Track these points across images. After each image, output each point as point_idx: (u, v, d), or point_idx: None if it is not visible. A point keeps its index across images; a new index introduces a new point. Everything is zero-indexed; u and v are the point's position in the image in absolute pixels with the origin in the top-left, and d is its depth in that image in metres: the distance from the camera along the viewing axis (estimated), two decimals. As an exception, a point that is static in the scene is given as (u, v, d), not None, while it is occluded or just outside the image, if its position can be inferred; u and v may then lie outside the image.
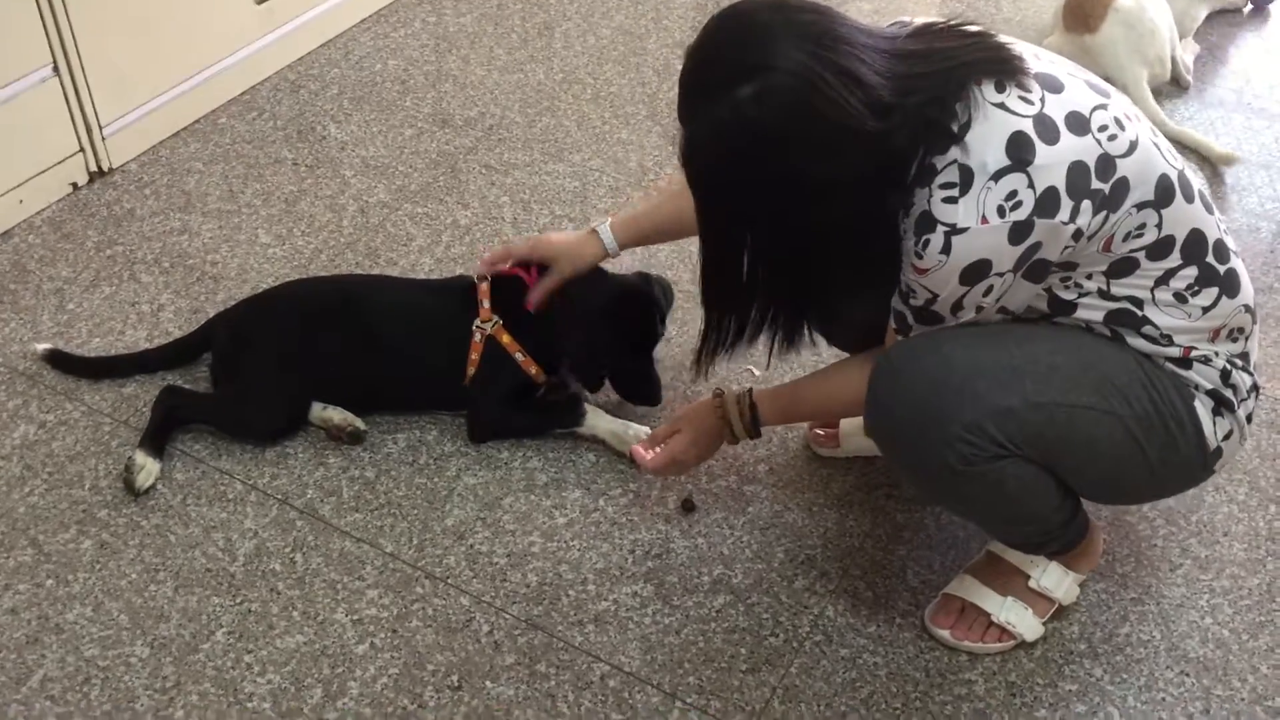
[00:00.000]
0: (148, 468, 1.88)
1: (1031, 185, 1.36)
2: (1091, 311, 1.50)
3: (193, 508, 1.87)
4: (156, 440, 1.93)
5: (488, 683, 1.64)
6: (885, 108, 1.34)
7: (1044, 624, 1.69)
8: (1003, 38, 1.46)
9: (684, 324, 2.18)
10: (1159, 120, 2.71)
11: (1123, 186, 1.41)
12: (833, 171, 1.37)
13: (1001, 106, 1.38)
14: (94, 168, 2.55)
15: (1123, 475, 1.56)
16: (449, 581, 1.77)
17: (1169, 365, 1.51)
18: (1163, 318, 1.49)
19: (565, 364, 1.99)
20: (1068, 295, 1.50)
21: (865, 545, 1.83)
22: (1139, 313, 1.49)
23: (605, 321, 1.94)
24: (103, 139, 2.54)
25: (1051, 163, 1.37)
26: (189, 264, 2.35)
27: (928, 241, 1.39)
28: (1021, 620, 1.68)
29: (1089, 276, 1.47)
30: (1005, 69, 1.41)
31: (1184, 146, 2.66)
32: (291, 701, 1.61)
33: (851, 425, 1.94)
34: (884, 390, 1.50)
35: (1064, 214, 1.38)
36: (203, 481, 1.91)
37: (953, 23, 1.47)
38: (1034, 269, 1.43)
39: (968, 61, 1.41)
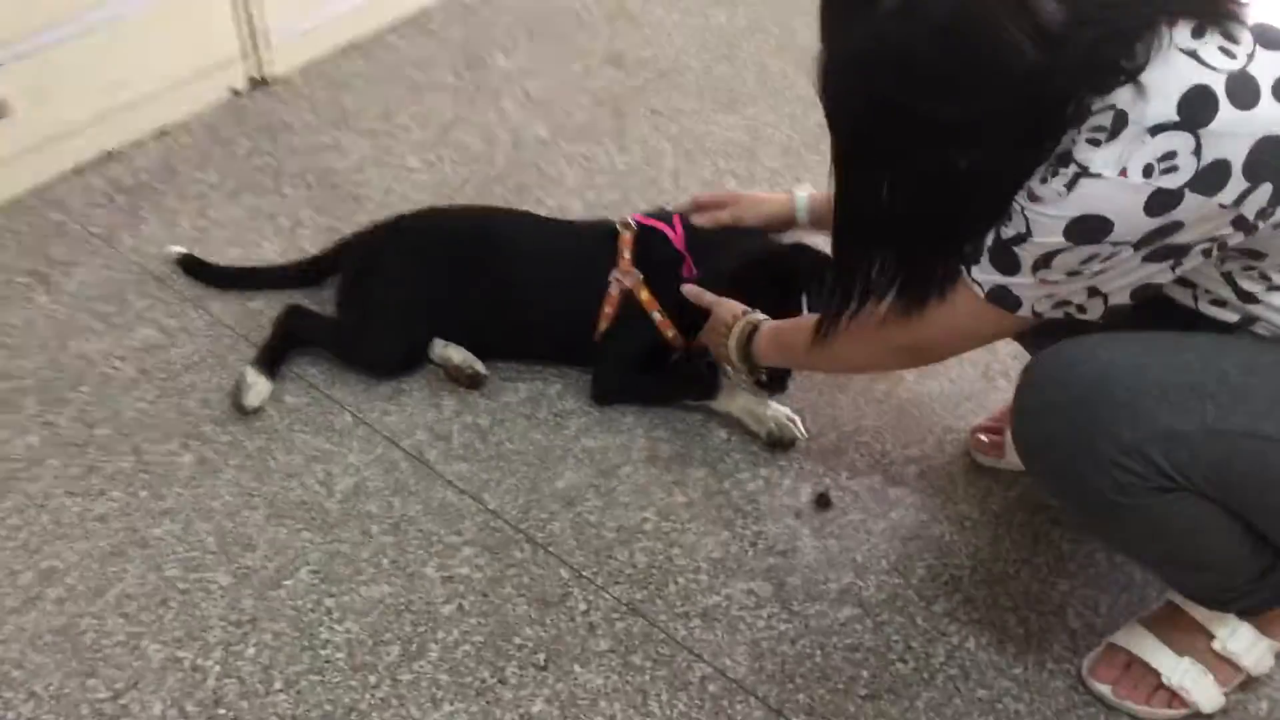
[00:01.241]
0: (258, 387, 1.80)
1: (1198, 151, 1.10)
2: None
3: (298, 435, 1.77)
4: (272, 359, 1.84)
5: (576, 666, 1.49)
6: (1055, 39, 1.10)
7: (1225, 694, 1.44)
8: None
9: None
10: None
11: None
12: (979, 112, 1.14)
13: (1192, 54, 1.12)
14: (256, 75, 2.49)
15: None
16: (550, 549, 1.62)
17: None
18: None
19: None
20: (1253, 286, 1.23)
21: (1021, 573, 1.60)
22: None
23: (734, 285, 1.75)
24: (269, 45, 2.47)
25: (1234, 131, 1.10)
26: (333, 181, 2.26)
27: (1055, 173, 1.16)
28: (1198, 686, 1.43)
29: None
30: (1212, 11, 1.14)
31: None
32: (367, 655, 1.49)
33: (1022, 435, 1.70)
34: (1031, 399, 1.27)
35: (1228, 194, 1.11)
36: (312, 408, 1.81)
37: None
38: (1161, 252, 1.17)
39: None
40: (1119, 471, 1.21)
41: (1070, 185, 1.14)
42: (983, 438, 1.75)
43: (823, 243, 1.75)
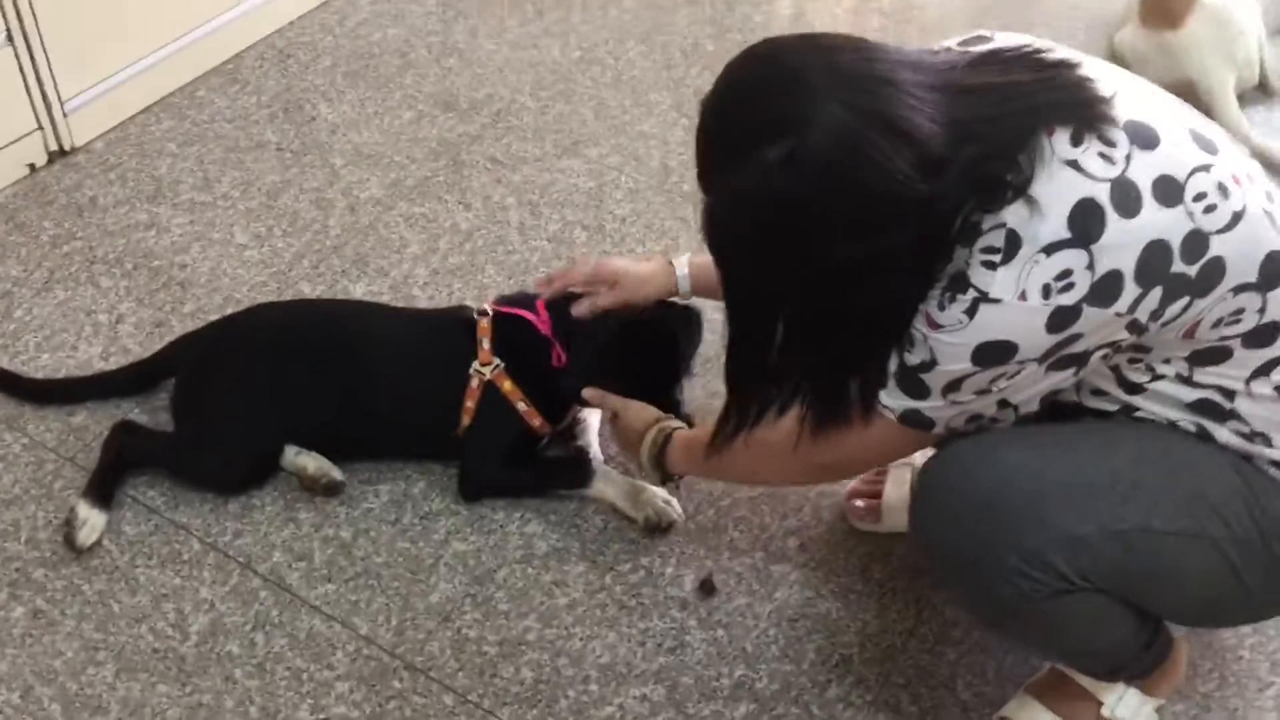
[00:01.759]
0: (91, 521, 1.65)
1: (1091, 266, 1.11)
2: (1167, 399, 1.25)
3: (142, 570, 1.64)
4: (104, 488, 1.69)
5: (471, 807, 1.42)
6: (937, 162, 1.09)
7: (1114, 758, 1.47)
8: (1089, 68, 1.19)
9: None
10: (1242, 132, 2.43)
11: (1216, 269, 1.16)
12: (875, 246, 1.12)
13: (1074, 165, 1.12)
14: (54, 147, 2.28)
15: (1213, 603, 1.33)
16: (430, 674, 1.54)
17: (1272, 470, 1.27)
18: (1258, 412, 1.24)
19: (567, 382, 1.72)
20: (1138, 378, 1.25)
21: (909, 646, 1.60)
22: (1228, 405, 1.24)
23: (610, 366, 1.68)
24: (64, 115, 2.26)
25: (1123, 241, 1.12)
26: (154, 265, 2.09)
27: (953, 298, 1.15)
28: (1090, 756, 1.45)
29: (1166, 361, 1.23)
30: (1086, 115, 1.14)
31: (1269, 162, 2.38)
32: (243, 824, 1.39)
33: (896, 498, 1.70)
34: (930, 507, 1.27)
35: (1123, 303, 1.13)
36: (155, 537, 1.68)
37: (1028, 49, 1.20)
38: (1064, 361, 1.18)
39: (1040, 104, 1.15)
40: (1021, 579, 1.21)
41: (971, 312, 1.13)
42: (858, 504, 1.73)
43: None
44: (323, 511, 1.72)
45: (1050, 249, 1.11)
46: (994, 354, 1.16)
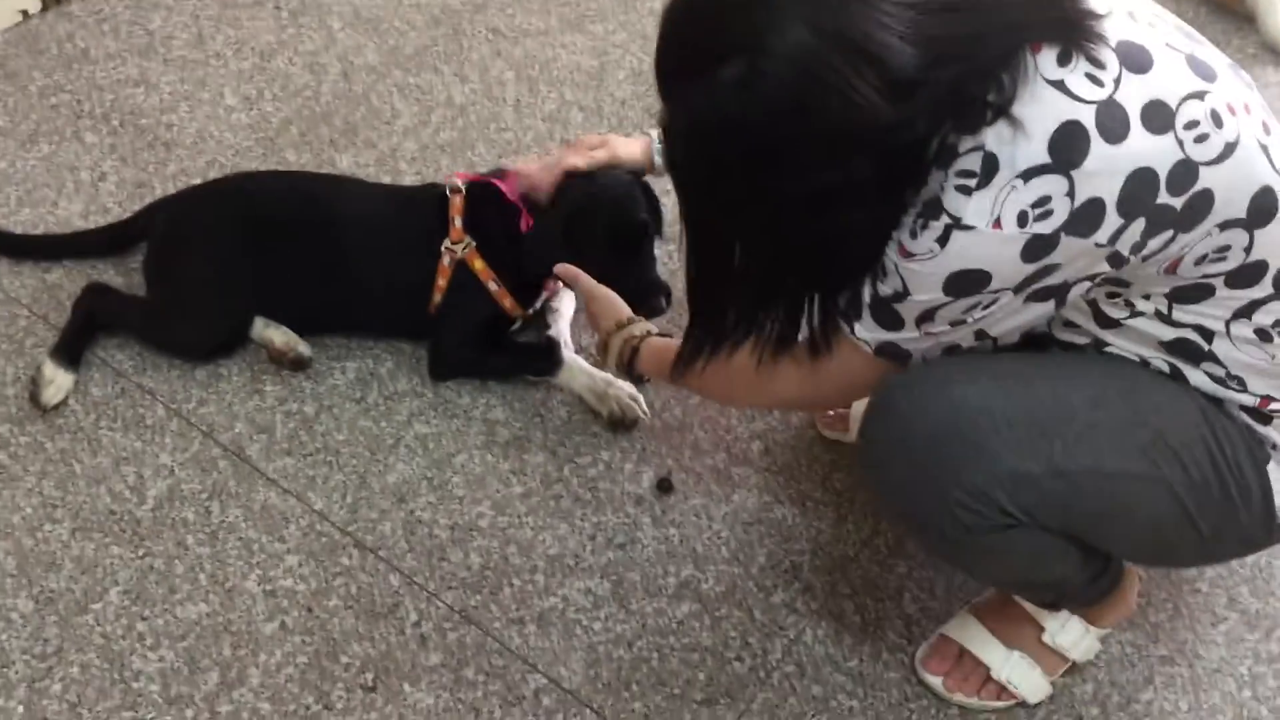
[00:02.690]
0: (57, 381, 1.66)
1: (1071, 193, 1.05)
2: (1143, 336, 1.20)
3: (105, 432, 1.65)
4: (72, 348, 1.69)
5: (406, 685, 1.44)
6: (908, 86, 1.03)
7: (1052, 682, 1.46)
8: None
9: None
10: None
11: (1203, 201, 1.09)
12: (834, 179, 1.06)
13: (1059, 85, 1.06)
14: (48, -7, 2.24)
15: (1163, 545, 1.31)
16: (380, 554, 1.55)
17: (1242, 416, 1.22)
18: (1236, 355, 1.19)
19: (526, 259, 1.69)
20: (1115, 313, 1.20)
21: (860, 556, 1.59)
22: (1205, 346, 1.19)
23: (572, 237, 1.64)
24: (59, -40, 2.22)
25: (1106, 168, 1.05)
26: (141, 124, 2.06)
27: (925, 225, 1.10)
28: (1026, 680, 1.44)
29: (1146, 297, 1.17)
30: (1074, 33, 1.07)
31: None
32: (183, 686, 1.42)
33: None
34: (878, 431, 1.23)
35: (1103, 233, 1.07)
36: (120, 400, 1.69)
37: None
38: (1042, 293, 1.13)
39: (1025, 20, 1.07)
40: (963, 512, 1.18)
41: (943, 240, 1.08)
42: (827, 412, 1.71)
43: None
44: (288, 385, 1.72)
45: (1028, 174, 1.05)
46: (967, 283, 1.11)
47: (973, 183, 1.07)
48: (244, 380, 1.72)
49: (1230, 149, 1.09)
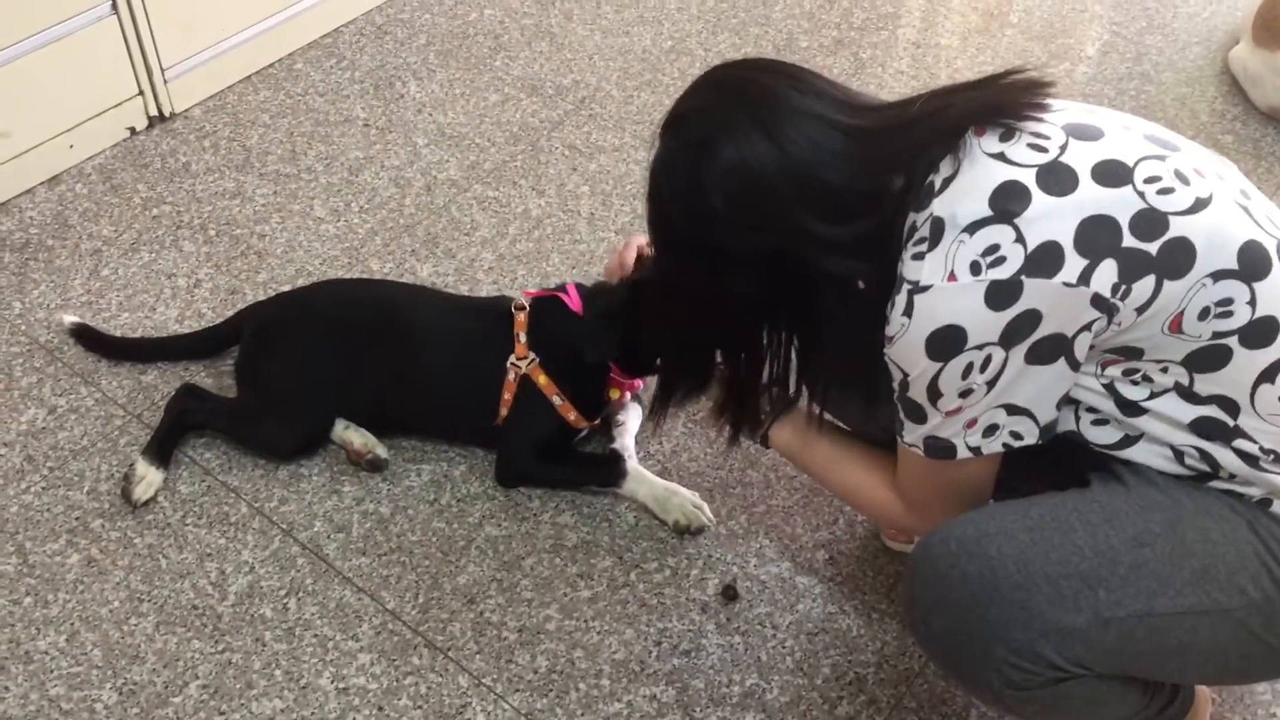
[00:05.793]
0: (148, 478, 1.73)
1: (1021, 239, 1.10)
2: (1168, 421, 1.19)
3: (191, 529, 1.72)
4: (164, 447, 1.77)
5: (472, 788, 1.46)
6: (872, 200, 1.18)
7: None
8: (1034, 77, 1.20)
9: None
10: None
11: (1182, 249, 1.11)
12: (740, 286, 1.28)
13: (999, 156, 1.13)
14: (154, 112, 2.39)
15: (1233, 669, 1.28)
16: (450, 654, 1.58)
17: None
18: (1264, 427, 1.17)
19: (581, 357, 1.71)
20: (1136, 394, 1.19)
21: (926, 670, 1.59)
22: (1231, 421, 1.18)
23: (628, 316, 1.66)
24: (165, 81, 2.36)
25: (1053, 212, 1.10)
26: (235, 234, 2.17)
27: (892, 303, 1.16)
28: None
29: (1164, 370, 1.16)
30: (1015, 115, 1.16)
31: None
32: (256, 781, 1.46)
33: (931, 520, 1.67)
34: (920, 592, 1.23)
35: (1069, 273, 1.09)
36: (206, 498, 1.76)
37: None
38: (1042, 349, 1.13)
39: (965, 110, 1.17)
40: (1011, 670, 1.18)
41: (908, 310, 1.14)
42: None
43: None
44: (366, 485, 1.78)
45: (972, 227, 1.11)
46: (946, 342, 1.13)
47: (924, 247, 1.14)
48: (324, 480, 1.79)
49: (1203, 203, 1.13)
